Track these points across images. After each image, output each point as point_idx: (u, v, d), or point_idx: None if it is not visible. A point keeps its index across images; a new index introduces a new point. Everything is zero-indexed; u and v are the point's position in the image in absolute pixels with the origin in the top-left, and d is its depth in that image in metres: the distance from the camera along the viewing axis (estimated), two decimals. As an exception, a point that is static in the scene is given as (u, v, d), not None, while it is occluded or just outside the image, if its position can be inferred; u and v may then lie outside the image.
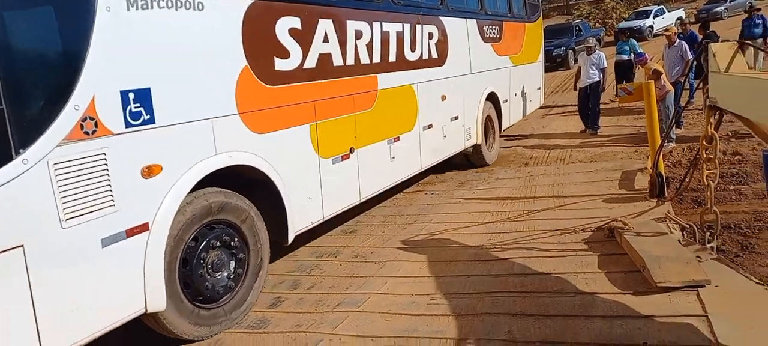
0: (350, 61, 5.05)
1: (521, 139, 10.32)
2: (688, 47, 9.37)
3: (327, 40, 4.73)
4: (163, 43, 3.32)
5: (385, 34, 5.57)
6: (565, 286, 3.74)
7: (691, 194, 5.70)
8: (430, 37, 6.45)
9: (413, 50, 6.10)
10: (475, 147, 7.88)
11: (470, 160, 8.15)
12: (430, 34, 6.45)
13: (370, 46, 5.32)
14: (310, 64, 4.55)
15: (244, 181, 3.99)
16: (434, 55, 6.56)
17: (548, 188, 6.55)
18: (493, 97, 8.34)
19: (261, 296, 4.23)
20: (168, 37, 3.36)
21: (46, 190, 2.70)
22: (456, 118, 7.17)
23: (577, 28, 23.10)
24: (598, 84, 10.13)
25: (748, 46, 8.72)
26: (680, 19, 23.53)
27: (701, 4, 28.83)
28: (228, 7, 3.79)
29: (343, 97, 5.00)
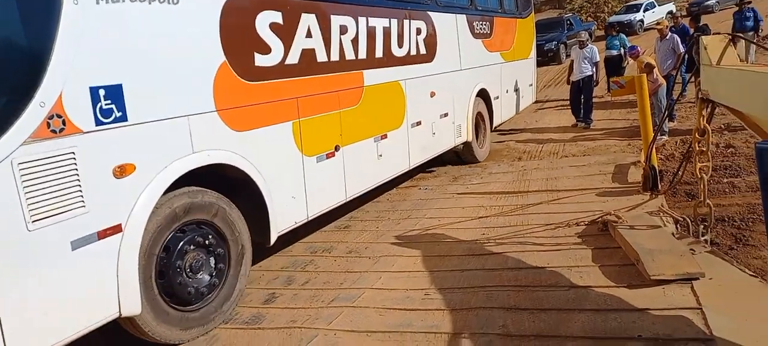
0: (335, 57, 4.95)
1: (514, 134, 10.33)
2: (680, 40, 9.40)
3: (310, 36, 4.63)
4: (136, 38, 3.22)
5: (372, 30, 5.47)
6: (559, 280, 3.74)
7: (685, 187, 5.72)
8: (419, 33, 6.37)
9: (401, 46, 6.01)
10: (466, 144, 7.82)
11: (461, 157, 8.11)
12: (419, 30, 6.36)
13: (355, 42, 5.22)
14: (293, 59, 4.44)
15: (225, 180, 3.89)
16: (423, 51, 6.48)
17: (542, 182, 6.55)
18: (484, 94, 8.27)
19: (255, 292, 4.22)
20: (141, 32, 3.25)
21: (11, 190, 2.60)
22: (446, 115, 7.11)
23: (568, 22, 23.14)
24: (591, 78, 10.16)
25: (739, 39, 8.77)
26: (671, 12, 23.62)
27: (693, -3, 28.95)
28: (204, 0, 3.70)
29: (328, 93, 4.90)
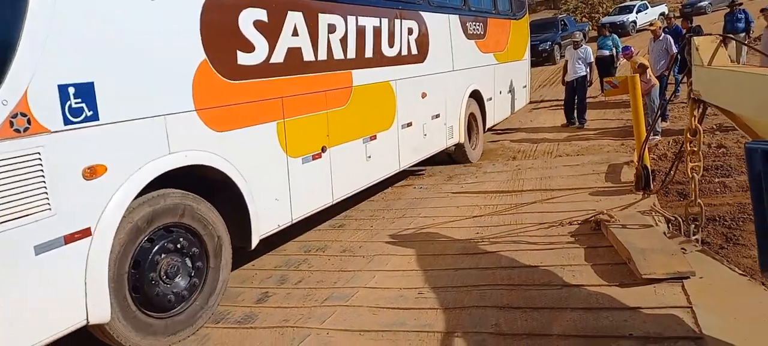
0: (322, 56, 4.84)
1: (509, 133, 10.37)
2: (673, 41, 9.46)
3: (297, 34, 4.52)
4: (110, 34, 3.09)
5: (361, 29, 5.37)
6: (552, 278, 3.76)
7: (677, 187, 5.76)
8: (410, 33, 6.29)
9: (392, 46, 5.93)
10: (458, 146, 7.76)
11: (453, 158, 8.07)
12: (410, 30, 6.29)
13: (344, 41, 5.12)
14: (278, 58, 4.33)
15: (207, 182, 3.81)
16: (414, 51, 6.41)
17: (536, 181, 6.58)
18: (477, 95, 8.23)
19: (248, 291, 4.21)
20: (115, 27, 3.13)
21: None
22: (437, 116, 7.03)
23: (563, 22, 23.25)
24: (585, 78, 10.21)
25: (730, 40, 8.83)
26: (663, 14, 23.76)
27: (685, -1, 29.14)
28: None
29: (315, 93, 4.79)
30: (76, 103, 2.89)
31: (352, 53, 5.27)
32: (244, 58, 4.03)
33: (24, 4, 2.67)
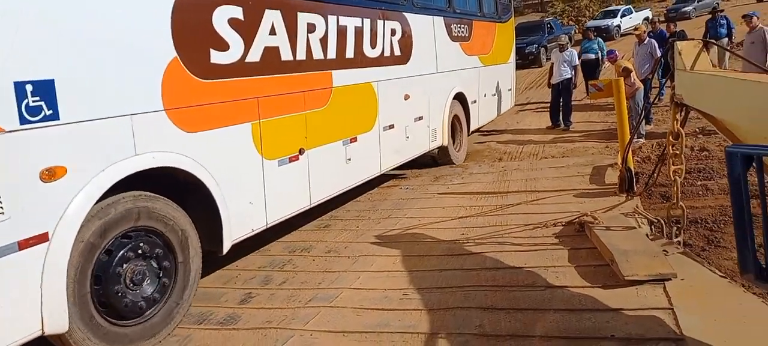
0: (301, 56, 4.74)
1: (495, 135, 10.41)
2: (657, 45, 9.57)
3: (274, 33, 4.42)
4: (72, 29, 2.96)
5: (342, 29, 5.28)
6: (536, 280, 3.78)
7: (660, 189, 5.82)
8: (393, 34, 6.22)
9: (374, 47, 5.84)
10: (442, 148, 7.70)
11: (437, 161, 8.04)
12: (393, 31, 6.21)
13: (324, 41, 5.02)
14: (254, 57, 4.22)
15: (180, 185, 3.69)
16: (397, 53, 6.34)
17: (521, 182, 6.61)
18: (461, 98, 8.19)
19: (232, 292, 4.17)
20: (78, 22, 2.99)
21: None
22: (420, 118, 6.96)
23: (549, 26, 23.45)
24: (570, 80, 10.29)
25: (712, 45, 8.95)
26: (647, 18, 24.07)
27: (670, 3, 29.55)
28: None
29: (293, 94, 4.68)
30: (34, 102, 2.75)
31: (332, 53, 5.18)
32: (217, 57, 3.91)
33: None
